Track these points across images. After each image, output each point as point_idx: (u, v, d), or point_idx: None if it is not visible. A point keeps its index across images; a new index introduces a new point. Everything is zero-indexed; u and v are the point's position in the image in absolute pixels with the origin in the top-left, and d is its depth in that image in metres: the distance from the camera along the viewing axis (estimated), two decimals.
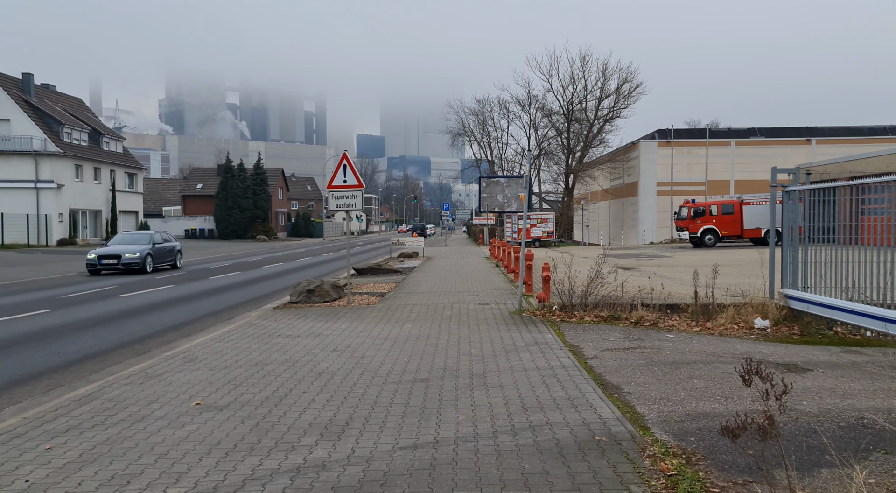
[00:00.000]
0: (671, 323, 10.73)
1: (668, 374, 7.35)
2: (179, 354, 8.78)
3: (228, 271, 25.10)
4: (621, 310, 11.17)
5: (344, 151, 14.20)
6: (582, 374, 7.32)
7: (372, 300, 14.65)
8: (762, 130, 57.32)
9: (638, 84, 56.79)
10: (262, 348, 9.15)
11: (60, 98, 55.05)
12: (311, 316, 12.27)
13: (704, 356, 8.29)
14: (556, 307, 11.73)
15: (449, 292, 15.92)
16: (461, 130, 71.66)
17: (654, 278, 17.15)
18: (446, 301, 14.17)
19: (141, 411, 6.03)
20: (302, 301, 14.32)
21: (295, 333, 10.39)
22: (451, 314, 12.16)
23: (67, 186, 47.94)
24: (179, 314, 13.47)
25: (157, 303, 15.29)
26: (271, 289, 18.68)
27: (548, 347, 8.94)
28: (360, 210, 14.36)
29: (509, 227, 48.35)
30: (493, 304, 13.56)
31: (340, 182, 14.21)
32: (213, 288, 18.90)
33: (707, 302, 11.03)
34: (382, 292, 16.52)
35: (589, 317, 11.20)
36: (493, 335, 9.90)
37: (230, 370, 7.71)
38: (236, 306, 14.76)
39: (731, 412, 5.83)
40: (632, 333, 10.03)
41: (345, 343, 9.42)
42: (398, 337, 9.87)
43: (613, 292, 11.80)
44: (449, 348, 8.99)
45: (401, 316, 12.07)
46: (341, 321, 11.54)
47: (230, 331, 10.70)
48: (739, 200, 39.71)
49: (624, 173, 59.89)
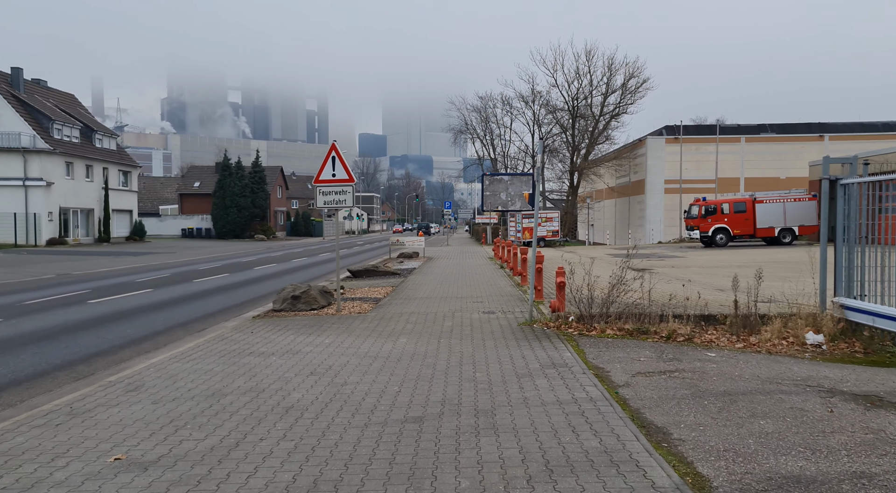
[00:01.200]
0: (708, 338, 9.23)
1: (723, 410, 5.86)
2: (125, 379, 7.30)
3: (216, 273, 23.63)
4: (649, 322, 9.67)
5: (333, 142, 12.72)
6: (615, 411, 5.83)
7: (364, 308, 13.17)
8: (773, 126, 55.76)
9: (645, 79, 55.16)
10: (227, 370, 7.67)
11: (52, 93, 53.58)
12: (293, 327, 10.79)
13: (760, 383, 6.80)
14: (572, 318, 10.24)
15: (450, 298, 14.44)
16: (463, 128, 70.13)
17: (673, 281, 15.65)
18: (447, 309, 12.68)
19: (38, 471, 4.55)
20: (286, 309, 12.85)
21: (270, 350, 8.91)
22: (453, 326, 10.68)
23: (57, 184, 46.46)
24: (146, 325, 11.99)
25: (126, 311, 13.82)
26: (258, 293, 17.21)
27: (567, 370, 7.45)
28: (351, 207, 12.88)
29: (513, 226, 46.81)
30: (499, 312, 12.08)
31: (329, 176, 12.72)
32: (194, 293, 17.43)
33: (748, 312, 9.53)
34: (377, 297, 15.04)
35: (611, 330, 9.70)
36: (501, 353, 8.41)
37: (178, 404, 6.23)
38: (213, 315, 13.27)
39: (826, 473, 4.33)
40: (664, 350, 8.53)
41: (326, 364, 7.94)
42: (390, 355, 8.39)
43: (639, 301, 10.32)
44: (449, 370, 7.51)
45: (395, 328, 10.59)
46: (326, 334, 10.06)
47: (196, 347, 9.22)
48: (752, 198, 38.17)
49: (630, 171, 58.34)
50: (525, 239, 44.40)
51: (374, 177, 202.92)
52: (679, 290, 13.22)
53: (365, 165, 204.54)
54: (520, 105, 64.03)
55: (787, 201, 37.49)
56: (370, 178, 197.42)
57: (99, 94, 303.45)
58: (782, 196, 37.94)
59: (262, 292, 17.47)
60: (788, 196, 37.90)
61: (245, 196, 69.01)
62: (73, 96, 57.56)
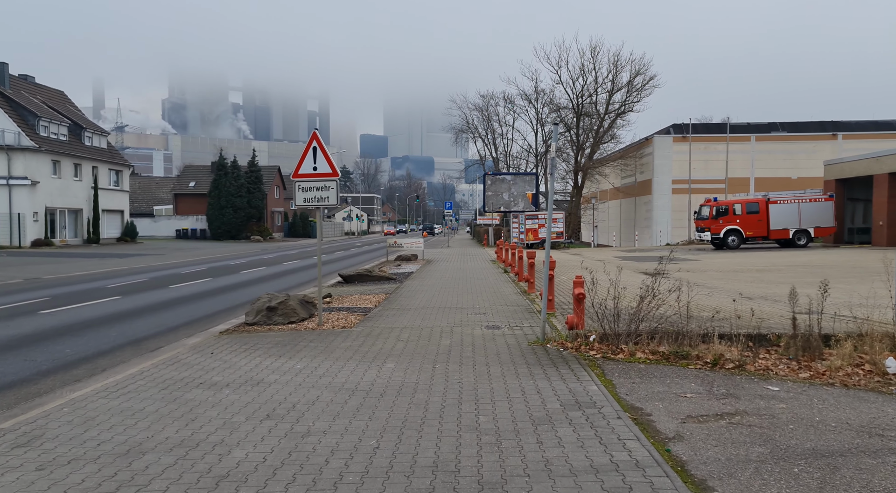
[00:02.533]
0: (763, 364, 7.56)
1: (826, 484, 4.19)
2: (23, 426, 5.64)
3: (198, 278, 21.96)
4: (689, 343, 8.00)
5: (313, 131, 11.07)
6: (675, 486, 4.17)
7: (351, 320, 11.51)
8: (784, 124, 54.03)
9: (651, 76, 53.51)
10: (162, 411, 6.01)
11: (39, 90, 51.88)
12: (262, 346, 9.13)
13: (855, 436, 5.14)
14: (594, 338, 8.57)
15: (449, 308, 12.78)
16: (465, 127, 68.48)
17: (694, 288, 13.98)
18: (445, 322, 11.02)
19: None
20: (260, 322, 11.18)
21: (226, 379, 7.25)
22: (451, 345, 9.01)
23: (43, 183, 44.77)
24: (92, 342, 10.30)
25: (78, 324, 12.14)
26: (237, 301, 15.55)
27: (597, 412, 5.79)
28: (336, 205, 11.22)
29: (516, 227, 45.13)
30: (505, 327, 10.41)
31: (309, 170, 11.06)
32: (166, 301, 15.76)
33: (808, 332, 7.86)
34: (367, 307, 13.37)
35: (642, 353, 8.03)
36: (510, 385, 6.75)
37: (72, 470, 4.57)
38: (177, 329, 11.60)
39: None
40: (713, 382, 6.87)
41: (289, 402, 6.28)
42: (372, 388, 6.73)
43: (672, 316, 8.66)
44: (445, 412, 5.85)
45: (383, 347, 8.92)
46: (300, 356, 8.39)
47: (139, 374, 7.57)
48: (765, 198, 36.50)
49: (636, 171, 56.64)
50: (529, 241, 42.75)
51: (374, 178, 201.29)
52: (714, 301, 11.61)
53: (366, 165, 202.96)
54: (523, 103, 62.46)
55: (801, 202, 35.84)
56: (371, 179, 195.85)
57: (100, 94, 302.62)
58: (797, 197, 36.29)
59: (242, 299, 15.79)
60: (803, 196, 36.24)
61: (241, 196, 67.33)
62: (63, 93, 55.88)
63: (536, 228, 43.64)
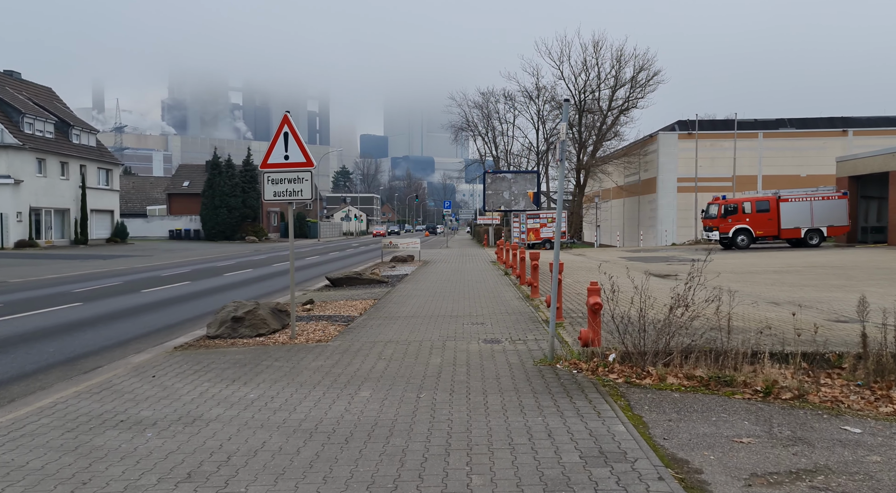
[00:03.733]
0: (829, 393, 6.06)
1: None
2: None
3: (177, 281, 20.47)
4: (734, 366, 6.51)
5: (285, 113, 9.59)
6: None
7: (329, 332, 10.03)
8: (792, 120, 52.52)
9: (656, 72, 52.02)
10: (50, 468, 4.53)
11: (26, 86, 50.32)
12: (217, 367, 7.66)
13: None
14: (613, 357, 7.08)
15: (443, 317, 11.30)
16: (464, 125, 67.03)
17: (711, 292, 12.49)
18: (437, 335, 9.54)
19: None
20: (223, 335, 9.70)
21: (156, 415, 5.77)
22: (441, 365, 7.53)
23: (27, 182, 43.21)
24: (18, 360, 8.79)
25: (16, 336, 10.65)
26: (210, 308, 14.02)
27: (630, 469, 4.31)
28: (310, 199, 9.74)
29: (517, 227, 43.64)
30: (506, 341, 8.93)
31: (280, 159, 9.59)
32: (130, 308, 14.26)
33: (881, 350, 6.38)
34: (351, 315, 11.90)
35: (674, 377, 6.55)
36: (513, 425, 5.27)
37: None
38: (128, 343, 10.10)
39: None
40: (771, 418, 5.39)
41: (224, 451, 4.80)
42: (335, 430, 5.25)
43: (709, 330, 7.18)
44: (426, 470, 4.37)
45: (360, 368, 7.45)
46: (257, 381, 6.92)
47: (49, 407, 6.09)
48: (776, 196, 35.00)
49: (640, 168, 55.13)
50: (530, 241, 41.26)
51: (374, 178, 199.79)
52: (745, 309, 10.16)
53: (366, 165, 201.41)
54: (524, 100, 61.00)
55: (814, 200, 34.36)
56: (371, 179, 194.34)
57: (100, 95, 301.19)
58: (809, 194, 34.79)
59: (216, 306, 14.26)
60: (816, 194, 34.75)
61: (235, 196, 65.83)
62: (51, 90, 54.32)
63: (538, 228, 42.13)
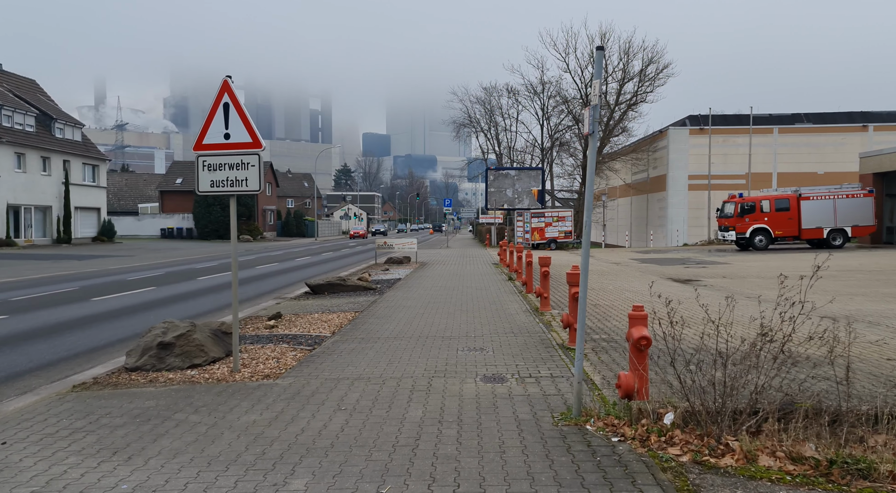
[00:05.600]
0: None
1: None
2: None
3: (141, 286, 18.26)
4: (858, 434, 4.28)
5: (225, 78, 7.39)
6: None
7: (286, 361, 7.82)
8: (809, 115, 50.15)
9: (666, 65, 49.61)
10: None
11: (7, 77, 48.05)
12: (107, 423, 5.45)
13: None
14: (670, 418, 4.85)
15: (433, 339, 9.08)
16: (466, 121, 64.69)
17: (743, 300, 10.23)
18: (422, 367, 7.32)
19: None
20: (146, 367, 7.50)
21: None
22: (423, 423, 5.31)
23: (5, 178, 40.98)
24: None
25: None
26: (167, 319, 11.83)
27: None
28: (257, 191, 7.50)
29: (520, 226, 41.39)
30: (513, 379, 6.71)
31: (219, 138, 7.37)
32: (62, 322, 12.04)
33: None
34: (320, 335, 9.67)
35: (768, 456, 4.32)
36: None
37: None
38: (22, 376, 7.88)
39: None
40: None
41: None
42: None
43: (810, 377, 4.95)
44: None
45: (305, 429, 5.23)
46: (147, 456, 4.70)
47: None
48: (797, 194, 32.76)
49: (649, 165, 52.83)
50: (534, 240, 39.05)
51: (376, 176, 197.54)
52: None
53: (367, 164, 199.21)
54: (528, 94, 58.67)
55: (837, 198, 32.10)
56: (372, 177, 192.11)
57: (101, 93, 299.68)
58: (832, 192, 32.52)
59: (177, 315, 12.09)
60: (840, 192, 32.48)
61: None
62: (34, 82, 52.10)
63: (543, 227, 39.89)
